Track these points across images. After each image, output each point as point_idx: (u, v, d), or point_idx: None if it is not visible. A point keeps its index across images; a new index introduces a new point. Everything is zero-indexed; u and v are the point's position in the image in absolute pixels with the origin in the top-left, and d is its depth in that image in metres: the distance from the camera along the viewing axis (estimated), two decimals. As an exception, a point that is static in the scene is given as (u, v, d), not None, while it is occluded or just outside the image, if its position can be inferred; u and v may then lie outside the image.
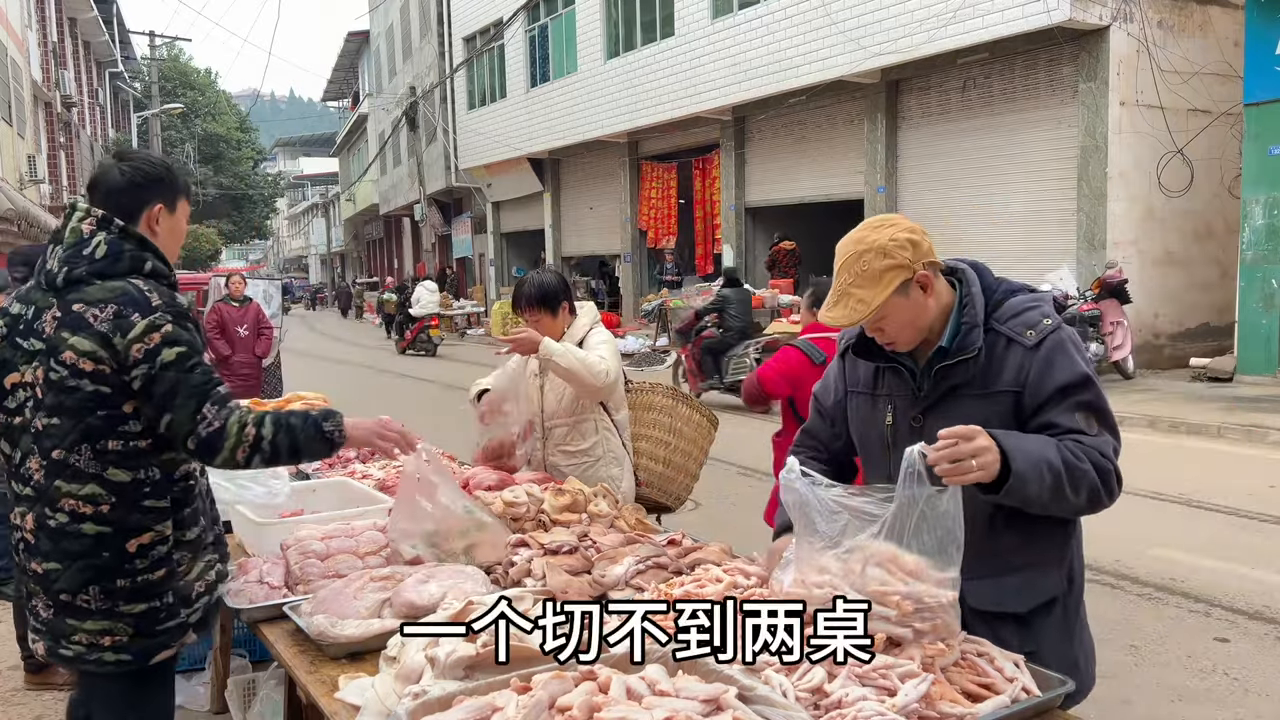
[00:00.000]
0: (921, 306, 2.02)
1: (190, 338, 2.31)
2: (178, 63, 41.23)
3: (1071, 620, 2.11)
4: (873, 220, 2.07)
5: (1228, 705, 3.93)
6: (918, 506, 1.79)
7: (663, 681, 1.63)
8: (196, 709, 3.95)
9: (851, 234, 2.05)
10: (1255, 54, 11.37)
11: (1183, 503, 6.86)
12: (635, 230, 21.85)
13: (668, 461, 4.26)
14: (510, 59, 24.21)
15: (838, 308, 2.01)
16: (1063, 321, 2.05)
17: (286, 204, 74.11)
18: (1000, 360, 2.02)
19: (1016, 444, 1.86)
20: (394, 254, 44.80)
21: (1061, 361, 1.98)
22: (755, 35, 16.25)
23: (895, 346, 2.09)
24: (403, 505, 2.66)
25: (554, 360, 3.47)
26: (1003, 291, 2.10)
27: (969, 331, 2.02)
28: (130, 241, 2.34)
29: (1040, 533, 2.04)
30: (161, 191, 2.42)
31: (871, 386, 2.21)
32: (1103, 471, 1.93)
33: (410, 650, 1.90)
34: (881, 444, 2.16)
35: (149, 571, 2.31)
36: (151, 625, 2.33)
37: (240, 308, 10.53)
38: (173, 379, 2.25)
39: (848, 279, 2.00)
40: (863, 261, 1.98)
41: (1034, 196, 13.22)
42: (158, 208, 2.41)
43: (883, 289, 1.96)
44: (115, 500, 2.28)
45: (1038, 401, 1.99)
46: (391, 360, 20.86)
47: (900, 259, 1.96)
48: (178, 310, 2.31)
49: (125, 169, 2.41)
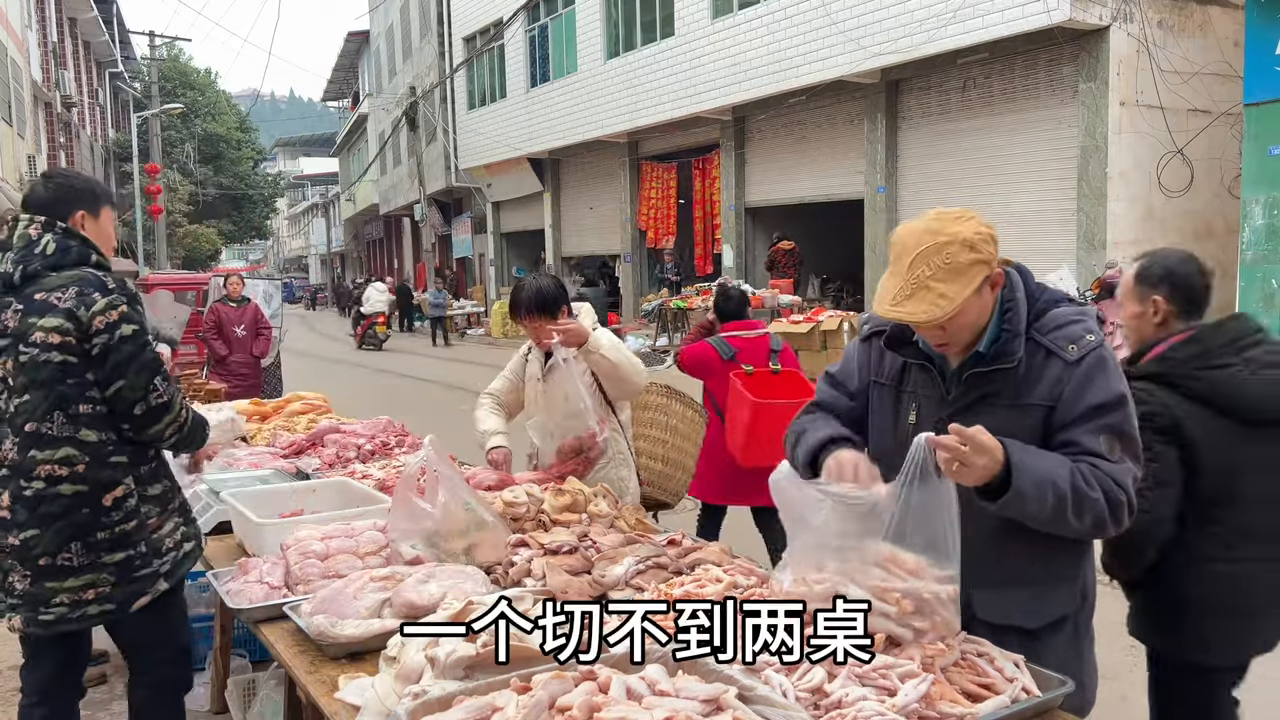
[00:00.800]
0: (987, 307, 1.93)
1: (142, 321, 2.66)
2: (178, 63, 41.19)
3: (1081, 639, 2.07)
4: (945, 212, 1.94)
5: (1228, 705, 3.93)
6: (913, 500, 1.79)
7: (663, 681, 1.63)
8: (196, 709, 3.94)
9: (922, 225, 1.92)
10: (1255, 54, 11.36)
11: (1183, 503, 6.84)
12: (635, 230, 21.85)
13: (666, 459, 4.27)
14: (510, 59, 24.21)
15: (913, 301, 1.87)
16: (1104, 341, 1.95)
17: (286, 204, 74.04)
18: (1038, 372, 1.94)
19: (1028, 461, 1.81)
20: (394, 254, 44.78)
21: (1100, 380, 1.91)
22: (755, 35, 16.24)
23: (947, 349, 1.99)
24: (402, 505, 2.66)
25: (603, 353, 3.42)
26: (1046, 300, 2.01)
27: (1010, 340, 1.94)
28: (74, 239, 2.68)
29: (1051, 547, 1.98)
30: (83, 201, 2.75)
31: (897, 381, 2.11)
32: (1114, 502, 1.86)
33: (410, 650, 1.90)
34: (898, 441, 2.05)
35: (124, 522, 2.63)
36: (129, 573, 2.64)
37: (238, 308, 10.51)
38: (129, 352, 2.59)
39: (927, 271, 1.86)
40: (945, 253, 1.85)
41: (1034, 196, 13.22)
42: (80, 214, 2.73)
43: (967, 284, 1.85)
44: (89, 459, 2.57)
45: (1067, 418, 1.91)
46: (392, 360, 20.86)
47: (985, 254, 1.87)
48: (130, 295, 2.66)
49: (49, 185, 2.76)
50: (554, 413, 3.63)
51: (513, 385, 3.87)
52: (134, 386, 2.58)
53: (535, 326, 3.58)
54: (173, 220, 33.99)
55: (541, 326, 3.56)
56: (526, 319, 3.59)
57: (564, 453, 3.56)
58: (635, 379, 3.54)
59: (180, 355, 11.29)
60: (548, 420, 3.65)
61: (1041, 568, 2.01)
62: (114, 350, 2.57)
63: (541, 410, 3.70)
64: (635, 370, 3.54)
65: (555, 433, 3.61)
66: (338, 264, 62.59)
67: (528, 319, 3.58)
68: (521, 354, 3.90)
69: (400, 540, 2.63)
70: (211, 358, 10.51)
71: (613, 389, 3.65)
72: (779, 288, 16.13)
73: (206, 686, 3.97)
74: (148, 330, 2.68)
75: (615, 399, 3.71)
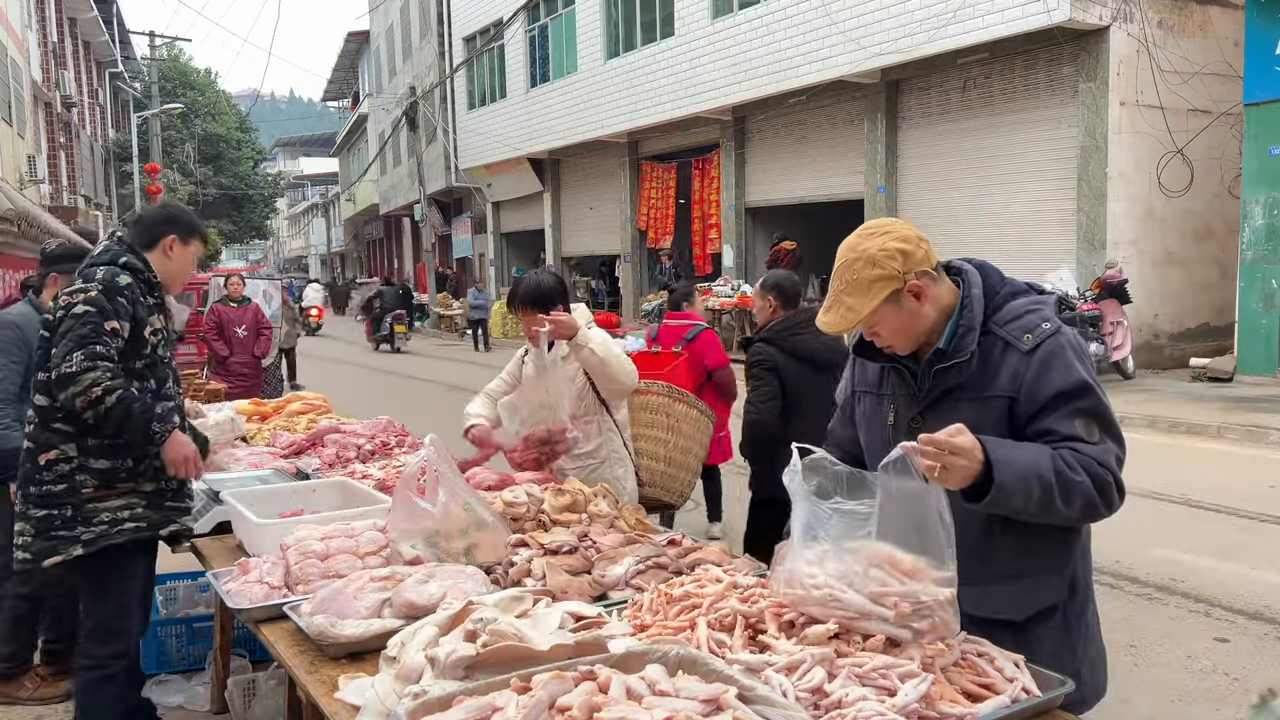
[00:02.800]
0: (914, 315, 2.00)
1: (107, 306, 2.91)
2: (178, 63, 41.18)
3: (1074, 629, 2.08)
4: (870, 225, 2.05)
5: (1228, 705, 3.93)
6: (902, 501, 1.79)
7: (663, 681, 1.63)
8: (196, 709, 3.94)
9: (850, 238, 2.04)
10: (1255, 54, 11.37)
11: (1183, 503, 6.85)
12: (635, 230, 21.85)
13: (669, 460, 4.27)
14: (510, 59, 24.21)
15: (830, 313, 2.03)
16: (1064, 325, 2.00)
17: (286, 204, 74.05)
18: (996, 364, 1.99)
19: (1006, 455, 1.83)
20: (394, 254, 44.77)
21: (1058, 368, 1.94)
22: (755, 35, 16.25)
23: (893, 350, 2.09)
24: (402, 505, 2.66)
25: (591, 348, 3.45)
26: (1005, 294, 2.06)
27: (965, 334, 2.01)
28: (120, 246, 3.10)
29: (1038, 540, 2.01)
30: (179, 228, 3.20)
31: (877, 386, 2.20)
32: (1100, 482, 1.88)
33: (410, 650, 1.90)
34: (883, 443, 2.12)
35: (54, 484, 2.92)
36: (47, 529, 2.92)
37: (239, 308, 10.51)
38: (69, 325, 2.87)
39: (840, 285, 2.01)
40: (853, 270, 1.98)
41: (1034, 196, 13.22)
42: (171, 238, 3.17)
43: (871, 298, 1.96)
44: (37, 420, 2.97)
45: (1033, 408, 1.95)
46: (392, 360, 20.86)
47: (889, 269, 1.95)
48: (111, 287, 2.94)
49: (158, 209, 3.31)
50: (529, 397, 3.68)
51: (510, 387, 3.90)
52: (57, 355, 2.85)
53: (528, 319, 3.60)
54: (173, 220, 33.88)
55: (534, 318, 3.58)
56: (521, 311, 3.63)
57: (531, 441, 3.60)
58: (624, 378, 3.56)
59: (180, 355, 11.28)
60: (521, 404, 3.69)
61: (1028, 561, 2.03)
62: (61, 324, 2.89)
63: (519, 393, 3.75)
64: (624, 368, 3.55)
65: (529, 419, 3.64)
66: (338, 264, 62.60)
67: (523, 312, 3.62)
68: (519, 356, 3.92)
69: (400, 540, 2.63)
70: (212, 358, 10.51)
71: (603, 387, 3.67)
72: (779, 288, 16.11)
73: (206, 686, 3.97)
74: (106, 314, 2.89)
75: (607, 398, 3.72)
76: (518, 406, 3.72)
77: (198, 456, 3.12)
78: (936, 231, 14.44)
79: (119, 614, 3.10)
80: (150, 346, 3.08)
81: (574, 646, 1.83)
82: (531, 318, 3.59)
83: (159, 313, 3.16)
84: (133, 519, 3.03)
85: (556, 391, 3.55)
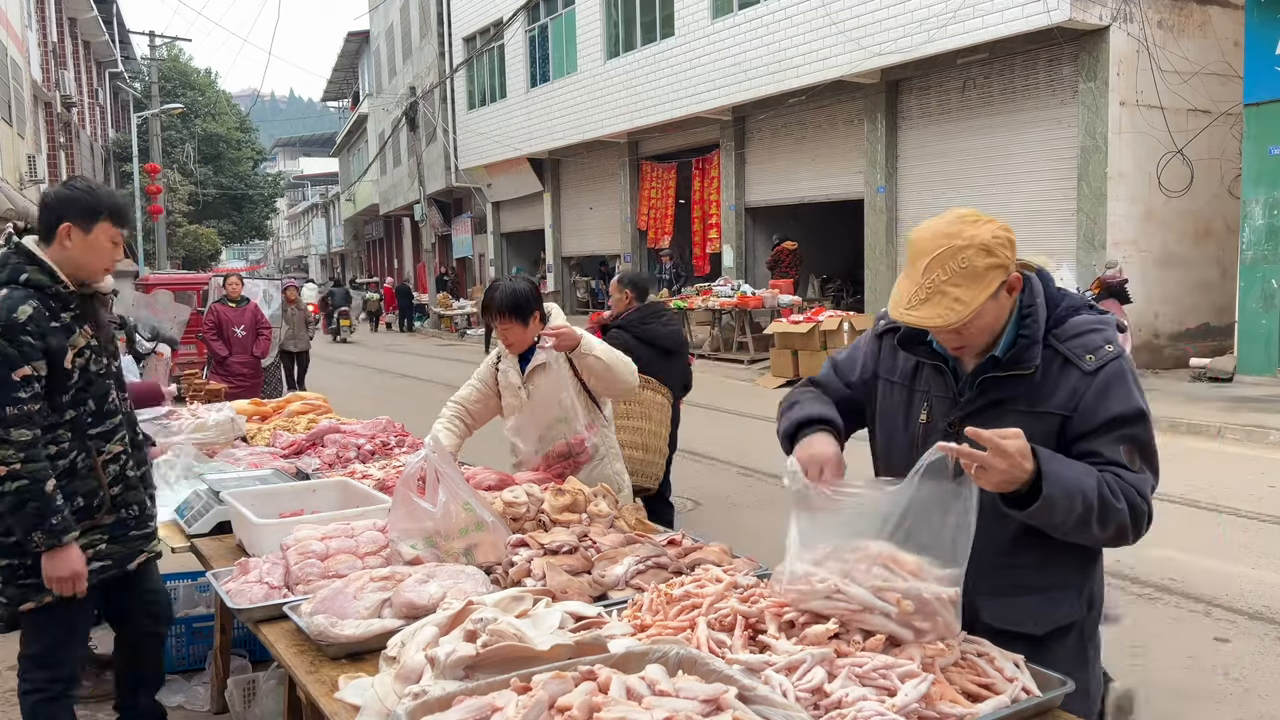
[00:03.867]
0: (1004, 310, 1.91)
1: (11, 353, 2.64)
2: (178, 63, 41.17)
3: (1087, 646, 2.06)
4: (961, 214, 1.92)
5: (1228, 705, 3.93)
6: (918, 500, 1.78)
7: (663, 681, 1.63)
8: (196, 709, 3.94)
9: (937, 226, 1.90)
10: (1255, 54, 11.37)
11: (1183, 503, 6.85)
12: (635, 230, 21.86)
13: (645, 446, 4.34)
14: (510, 59, 24.21)
15: (928, 305, 1.85)
16: (1125, 351, 1.94)
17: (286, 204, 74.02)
18: (1054, 380, 1.91)
19: (1058, 469, 1.79)
20: (394, 254, 44.77)
21: (1118, 392, 1.88)
22: (755, 35, 16.25)
23: (964, 353, 1.98)
24: (402, 505, 2.66)
25: (595, 355, 3.44)
26: (1066, 307, 1.98)
27: (1028, 346, 1.91)
28: (17, 255, 2.78)
29: (1061, 555, 1.98)
30: (76, 212, 2.80)
31: (910, 379, 2.09)
32: (1136, 512, 1.85)
33: (410, 650, 1.90)
34: (909, 440, 2.06)
35: (4, 536, 2.76)
36: (13, 578, 2.80)
37: (238, 308, 10.52)
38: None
39: (942, 276, 1.84)
40: (962, 258, 1.83)
41: (1034, 196, 13.22)
42: (66, 226, 2.79)
43: (984, 289, 1.83)
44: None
45: (1086, 429, 1.89)
46: (393, 360, 20.86)
47: (1002, 258, 1.84)
48: (9, 324, 2.65)
49: (54, 191, 2.86)
50: (542, 418, 3.61)
51: (482, 395, 3.79)
52: None
53: (506, 328, 3.53)
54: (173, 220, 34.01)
55: (512, 328, 3.52)
56: (499, 319, 3.53)
57: (551, 458, 3.55)
58: (629, 378, 3.55)
59: (180, 355, 11.28)
60: (536, 426, 3.63)
61: (1051, 575, 2.00)
62: None
63: (527, 417, 3.66)
64: (628, 369, 3.54)
65: (546, 437, 3.60)
66: (338, 264, 62.61)
67: (500, 320, 3.53)
68: (491, 362, 3.81)
69: (400, 540, 2.63)
70: (212, 358, 10.51)
71: (607, 390, 3.64)
72: (779, 288, 16.15)
73: (206, 686, 3.97)
74: (12, 362, 2.65)
75: (612, 398, 3.71)
76: (526, 429, 3.66)
77: (82, 577, 2.81)
78: (936, 231, 14.44)
79: (63, 642, 2.98)
80: (76, 372, 2.82)
81: (574, 646, 1.83)
82: (509, 326, 3.51)
83: (81, 325, 2.85)
84: (96, 557, 2.89)
85: (569, 404, 3.52)
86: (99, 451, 2.91)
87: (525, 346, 3.58)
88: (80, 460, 2.86)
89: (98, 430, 2.92)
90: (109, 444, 2.94)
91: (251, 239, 57.29)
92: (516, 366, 3.67)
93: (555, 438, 3.57)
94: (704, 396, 12.86)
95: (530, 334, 3.55)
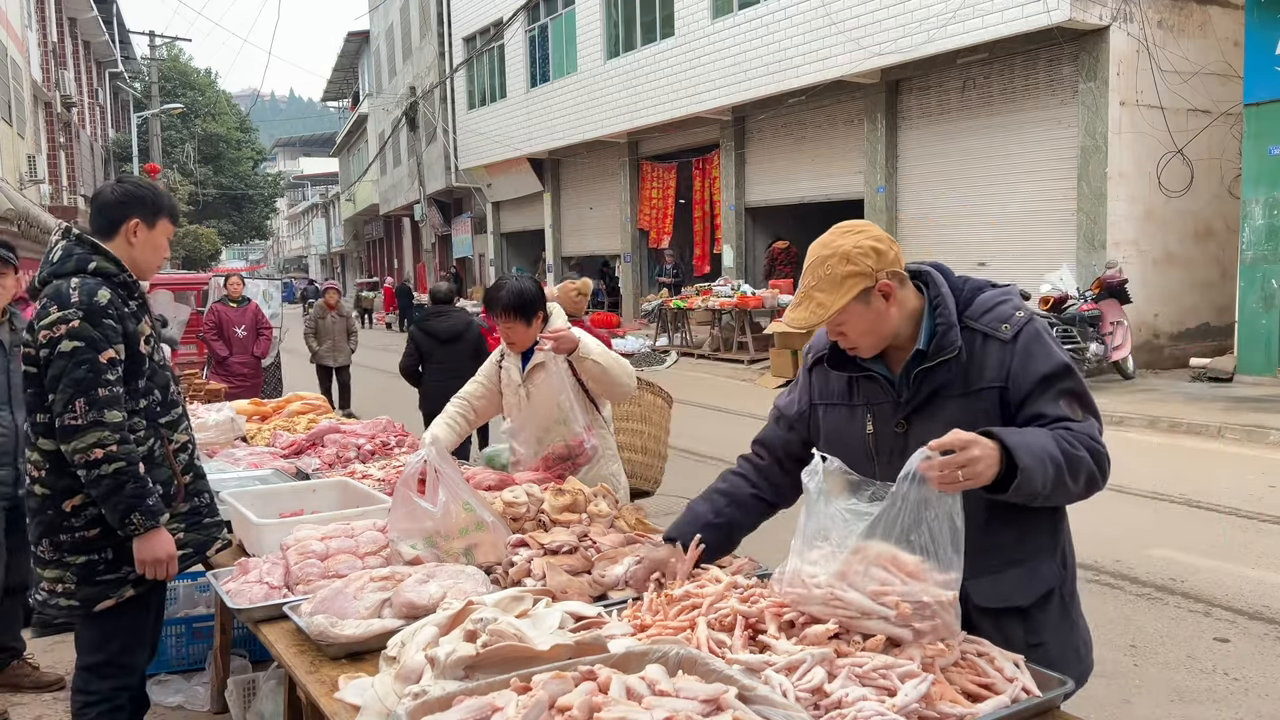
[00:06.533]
0: (882, 315, 2.02)
1: (96, 335, 2.63)
2: (178, 63, 41.21)
3: (1069, 607, 2.13)
4: (843, 225, 2.06)
5: (1228, 705, 3.93)
6: (911, 505, 1.79)
7: (663, 681, 1.63)
8: (196, 709, 3.94)
9: (822, 237, 2.06)
10: (1255, 54, 11.36)
11: (1183, 503, 6.85)
12: (635, 230, 21.86)
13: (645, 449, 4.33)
14: (510, 59, 24.21)
15: (799, 309, 2.03)
16: (1033, 312, 2.05)
17: (286, 204, 74.09)
18: (980, 358, 2.02)
19: (1020, 440, 1.85)
20: (394, 254, 44.78)
21: (1040, 352, 1.99)
22: (755, 35, 16.25)
23: (857, 352, 2.09)
24: (402, 505, 2.66)
25: (593, 358, 3.45)
26: (970, 289, 2.10)
27: (946, 332, 2.02)
28: (82, 245, 2.76)
29: (1034, 525, 2.06)
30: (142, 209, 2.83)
31: (847, 397, 2.19)
32: (1096, 456, 1.94)
33: (410, 650, 1.90)
34: (864, 453, 2.14)
35: (86, 529, 2.71)
36: (91, 575, 2.72)
37: (238, 308, 10.52)
38: (61, 367, 2.60)
39: (811, 281, 2.01)
40: (826, 266, 1.99)
41: (1034, 196, 13.22)
42: (134, 222, 2.81)
43: (842, 294, 1.97)
44: (49, 466, 2.70)
45: (1022, 394, 1.99)
46: (392, 360, 20.80)
47: (862, 266, 1.97)
48: (91, 308, 2.64)
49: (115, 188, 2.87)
50: (541, 419, 3.62)
51: (486, 390, 3.83)
52: (58, 404, 2.61)
53: (508, 327, 3.56)
54: (173, 220, 33.92)
55: (515, 328, 3.55)
56: (502, 318, 3.57)
57: (550, 459, 3.56)
58: (627, 380, 3.55)
59: (180, 355, 11.29)
60: (534, 428, 3.63)
61: (1029, 545, 2.07)
62: (51, 364, 2.62)
63: (527, 418, 3.67)
64: (626, 371, 3.54)
65: (544, 439, 3.60)
66: (338, 264, 62.62)
67: (503, 318, 3.57)
68: (495, 360, 3.85)
69: (400, 540, 2.63)
70: (212, 358, 10.51)
71: (606, 392, 3.65)
72: (779, 288, 16.17)
73: (206, 686, 3.97)
74: (98, 345, 2.63)
75: (611, 401, 3.70)
76: (523, 431, 3.66)
77: (174, 560, 2.78)
78: (936, 231, 14.47)
79: (128, 649, 2.88)
80: (146, 359, 2.82)
81: (574, 646, 1.83)
82: (513, 325, 3.55)
83: (145, 314, 2.87)
84: (178, 546, 2.81)
85: (568, 406, 3.52)
86: (169, 440, 2.89)
87: (528, 345, 3.61)
88: (157, 448, 2.83)
89: (166, 419, 2.89)
90: (176, 433, 2.92)
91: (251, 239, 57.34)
92: (518, 364, 3.70)
93: (554, 439, 3.58)
94: (704, 396, 12.89)
95: (533, 333, 3.58)
